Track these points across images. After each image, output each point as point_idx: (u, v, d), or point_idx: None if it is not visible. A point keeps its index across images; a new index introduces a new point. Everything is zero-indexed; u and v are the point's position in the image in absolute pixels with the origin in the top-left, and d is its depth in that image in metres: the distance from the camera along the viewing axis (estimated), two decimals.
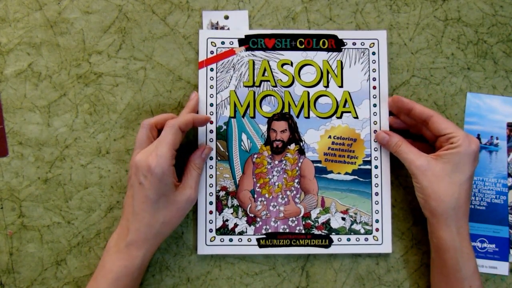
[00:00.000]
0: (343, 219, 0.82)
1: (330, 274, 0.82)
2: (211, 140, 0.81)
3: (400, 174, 0.83)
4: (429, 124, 0.77)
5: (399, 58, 0.84)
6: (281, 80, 0.83)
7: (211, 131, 0.82)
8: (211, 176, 0.81)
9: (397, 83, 0.84)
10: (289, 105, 0.83)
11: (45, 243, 0.81)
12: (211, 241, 0.80)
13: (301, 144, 0.83)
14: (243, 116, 0.82)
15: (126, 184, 0.81)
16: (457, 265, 0.73)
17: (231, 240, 0.81)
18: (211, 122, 0.82)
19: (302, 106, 0.83)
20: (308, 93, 0.83)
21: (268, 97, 0.83)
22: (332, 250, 0.81)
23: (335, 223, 0.82)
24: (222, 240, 0.81)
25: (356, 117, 0.83)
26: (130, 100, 0.82)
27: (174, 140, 0.73)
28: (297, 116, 0.83)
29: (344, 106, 0.83)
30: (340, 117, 0.83)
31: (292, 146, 0.82)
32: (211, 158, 0.81)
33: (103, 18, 0.83)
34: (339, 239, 0.81)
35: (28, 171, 0.81)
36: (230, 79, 0.82)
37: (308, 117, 0.83)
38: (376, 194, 0.82)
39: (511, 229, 0.83)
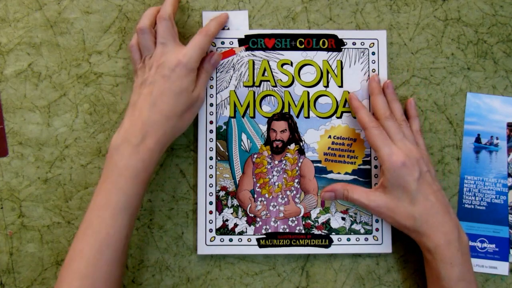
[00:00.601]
0: (343, 219, 0.82)
1: (330, 274, 0.82)
2: (211, 140, 0.81)
3: None
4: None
5: (399, 58, 0.84)
6: (281, 80, 0.83)
7: (211, 131, 0.82)
8: (211, 176, 0.81)
9: (397, 83, 0.84)
10: (289, 105, 0.83)
11: (45, 243, 0.81)
12: (211, 241, 0.80)
13: (301, 144, 0.83)
14: (243, 116, 0.82)
15: None
16: (439, 273, 0.73)
17: (231, 240, 0.81)
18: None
19: (302, 106, 0.83)
20: (308, 93, 0.83)
21: (268, 97, 0.83)
22: (332, 250, 0.81)
23: (335, 223, 0.82)
24: (222, 240, 0.80)
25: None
26: (130, 100, 0.82)
27: (206, 46, 0.78)
28: (297, 116, 0.83)
29: (344, 106, 0.83)
30: (340, 117, 0.83)
31: (292, 146, 0.82)
32: (211, 158, 0.81)
33: (103, 18, 0.83)
34: (339, 239, 0.81)
35: (28, 171, 0.81)
36: (230, 79, 0.82)
37: (308, 117, 0.83)
38: None
39: (511, 229, 0.83)
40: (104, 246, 0.67)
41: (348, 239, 0.82)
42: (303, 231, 0.81)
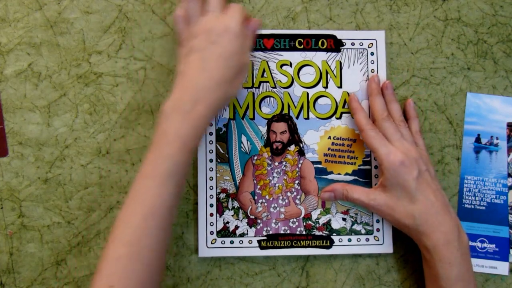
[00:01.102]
0: (344, 219, 0.82)
1: (330, 274, 0.82)
2: (210, 142, 0.81)
3: None
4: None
5: (399, 58, 0.84)
6: (280, 81, 0.83)
7: (210, 133, 0.81)
8: (211, 178, 0.81)
9: (397, 83, 0.84)
10: (289, 106, 0.83)
11: (45, 243, 0.81)
12: (212, 243, 0.80)
13: (301, 145, 0.82)
14: (242, 118, 0.82)
15: (126, 184, 0.81)
16: (437, 273, 0.73)
17: (232, 242, 0.80)
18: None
19: (302, 107, 0.83)
20: (307, 94, 0.83)
21: (268, 98, 0.83)
22: (333, 251, 0.81)
23: (336, 224, 0.82)
24: (223, 242, 0.80)
25: None
26: (130, 100, 0.82)
27: (245, 13, 0.75)
28: (297, 117, 0.82)
29: (343, 107, 0.83)
30: (340, 118, 0.83)
31: (292, 147, 0.82)
32: (211, 161, 0.81)
33: (103, 18, 0.83)
34: (340, 240, 0.81)
35: (28, 171, 0.81)
36: None
37: (307, 118, 0.83)
38: None
39: (511, 229, 0.83)
40: (150, 214, 0.67)
41: (349, 240, 0.82)
42: (304, 232, 0.81)
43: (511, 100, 0.84)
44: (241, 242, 0.80)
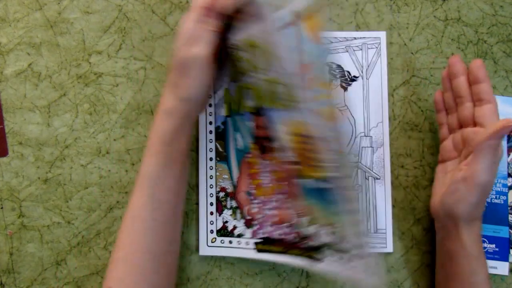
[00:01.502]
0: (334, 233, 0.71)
1: None
2: (210, 140, 0.81)
3: (400, 174, 0.83)
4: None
5: (399, 58, 0.84)
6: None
7: (210, 132, 0.81)
8: (211, 177, 0.81)
9: (397, 83, 0.84)
10: (262, 96, 0.71)
11: (45, 243, 0.81)
12: (212, 242, 0.80)
13: (280, 141, 0.70)
14: (235, 114, 0.80)
15: (126, 184, 0.81)
16: (470, 269, 0.71)
17: (231, 242, 0.80)
18: None
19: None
20: None
21: (248, 89, 0.74)
22: (325, 265, 0.72)
23: (326, 237, 0.71)
24: (222, 241, 0.80)
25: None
26: (130, 100, 0.82)
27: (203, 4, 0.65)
28: (270, 109, 0.70)
29: None
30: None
31: (276, 144, 0.73)
32: (211, 159, 0.81)
33: (103, 18, 0.83)
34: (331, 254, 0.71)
35: (28, 171, 0.81)
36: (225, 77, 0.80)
37: (280, 109, 0.68)
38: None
39: (511, 229, 0.83)
40: (133, 217, 0.69)
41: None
42: (297, 239, 0.75)
43: (511, 100, 0.84)
44: (239, 242, 0.80)
